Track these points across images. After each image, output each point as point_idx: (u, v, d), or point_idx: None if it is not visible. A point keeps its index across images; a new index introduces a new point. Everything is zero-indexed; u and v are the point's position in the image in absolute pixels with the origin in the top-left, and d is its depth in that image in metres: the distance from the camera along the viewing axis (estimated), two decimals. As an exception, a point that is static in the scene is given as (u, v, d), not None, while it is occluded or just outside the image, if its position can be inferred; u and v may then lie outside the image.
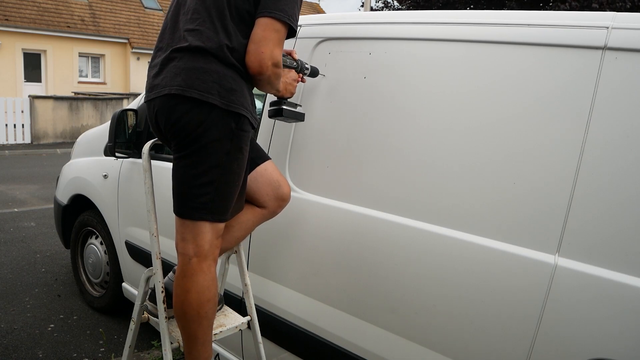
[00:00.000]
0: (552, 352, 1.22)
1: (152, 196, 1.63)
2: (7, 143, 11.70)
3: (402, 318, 1.52)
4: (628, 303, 1.12)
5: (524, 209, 1.30)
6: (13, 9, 15.55)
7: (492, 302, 1.33)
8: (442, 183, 1.46)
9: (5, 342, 2.78)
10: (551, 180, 1.27)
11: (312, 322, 1.75)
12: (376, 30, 1.71)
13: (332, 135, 1.76)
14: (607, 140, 1.20)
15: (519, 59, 1.37)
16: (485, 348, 1.34)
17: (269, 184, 1.69)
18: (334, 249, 1.69)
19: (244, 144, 1.48)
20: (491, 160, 1.37)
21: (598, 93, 1.22)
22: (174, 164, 1.49)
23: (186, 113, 1.40)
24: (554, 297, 1.22)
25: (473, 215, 1.39)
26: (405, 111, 1.57)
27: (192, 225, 1.46)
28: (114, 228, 2.83)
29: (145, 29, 18.19)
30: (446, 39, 1.52)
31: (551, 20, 1.34)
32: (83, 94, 14.83)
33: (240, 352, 2.07)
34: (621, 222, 1.16)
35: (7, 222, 5.10)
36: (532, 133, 1.31)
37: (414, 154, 1.53)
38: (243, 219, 1.67)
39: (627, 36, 1.21)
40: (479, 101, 1.42)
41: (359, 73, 1.70)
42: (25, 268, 3.89)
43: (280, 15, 1.41)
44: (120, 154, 2.54)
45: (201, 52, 1.41)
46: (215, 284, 1.52)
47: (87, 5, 17.51)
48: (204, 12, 1.44)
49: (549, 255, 1.25)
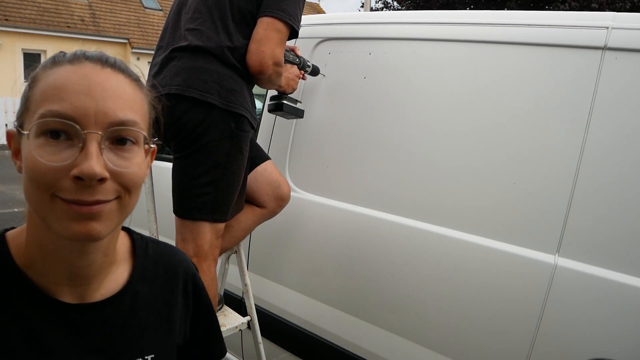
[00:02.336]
0: (552, 352, 1.22)
1: (152, 196, 1.63)
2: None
3: (402, 318, 1.52)
4: (628, 303, 1.12)
5: (524, 209, 1.30)
6: (13, 9, 15.55)
7: (492, 302, 1.32)
8: (442, 183, 1.46)
9: (5, 342, 2.78)
10: (551, 180, 1.27)
11: (312, 322, 1.75)
12: (376, 31, 1.71)
13: (332, 135, 1.76)
14: (607, 140, 1.20)
15: (519, 59, 1.37)
16: (485, 348, 1.34)
17: (269, 183, 1.68)
18: (334, 249, 1.69)
19: (243, 144, 1.48)
20: (491, 160, 1.37)
21: (598, 93, 1.22)
22: (173, 164, 1.49)
23: (186, 113, 1.40)
24: (554, 297, 1.22)
25: (473, 215, 1.39)
26: (405, 111, 1.57)
27: (192, 225, 1.46)
28: (114, 228, 2.83)
29: (145, 29, 18.19)
30: (446, 39, 1.52)
31: (551, 20, 1.34)
32: (83, 94, 14.82)
33: (240, 352, 2.07)
34: (621, 222, 1.16)
35: (7, 222, 5.08)
36: (532, 133, 1.31)
37: (414, 154, 1.53)
38: (243, 219, 1.67)
39: (627, 36, 1.21)
40: (479, 101, 1.42)
41: (359, 73, 1.70)
42: (25, 268, 3.89)
43: (281, 15, 1.41)
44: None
45: (201, 51, 1.41)
46: (215, 284, 1.52)
47: (87, 5, 17.51)
48: (205, 12, 1.43)
49: (549, 255, 1.25)
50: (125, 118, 0.60)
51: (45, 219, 0.59)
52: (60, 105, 0.58)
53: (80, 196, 0.57)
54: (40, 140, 0.58)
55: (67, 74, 0.60)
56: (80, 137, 0.58)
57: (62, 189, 0.57)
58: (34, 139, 0.58)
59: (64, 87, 0.59)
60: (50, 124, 0.58)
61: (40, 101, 0.59)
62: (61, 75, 0.60)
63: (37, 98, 0.60)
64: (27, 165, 0.59)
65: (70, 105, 0.58)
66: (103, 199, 0.59)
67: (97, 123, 0.58)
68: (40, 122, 0.58)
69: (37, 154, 0.57)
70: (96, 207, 0.59)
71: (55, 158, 0.57)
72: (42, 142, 0.58)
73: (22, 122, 0.62)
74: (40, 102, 0.59)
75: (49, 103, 0.58)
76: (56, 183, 0.57)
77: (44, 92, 0.59)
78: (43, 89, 0.60)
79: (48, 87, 0.59)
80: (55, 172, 0.57)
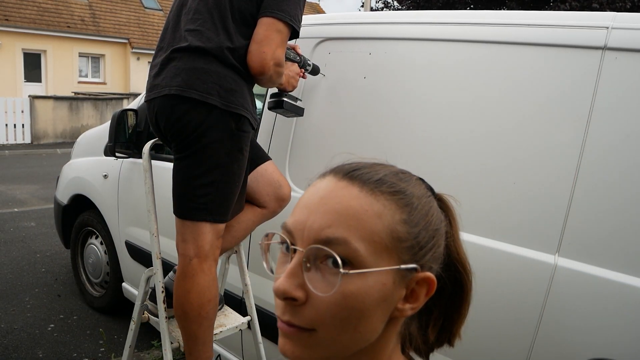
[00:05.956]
0: (552, 351, 1.22)
1: (152, 196, 1.63)
2: (7, 143, 11.70)
3: (402, 318, 1.52)
4: (628, 303, 1.12)
5: (524, 209, 1.30)
6: (13, 9, 15.54)
7: (492, 302, 1.32)
8: (442, 183, 1.46)
9: (5, 342, 2.78)
10: (551, 180, 1.27)
11: (312, 322, 1.75)
12: (376, 31, 1.71)
13: (332, 135, 1.76)
14: (607, 140, 1.20)
15: (519, 59, 1.37)
16: (485, 348, 1.34)
17: (270, 184, 1.68)
18: (334, 249, 1.69)
19: (244, 144, 1.48)
20: (491, 159, 1.38)
21: (598, 93, 1.22)
22: (174, 165, 1.49)
23: (186, 113, 1.40)
24: (554, 297, 1.22)
25: (473, 215, 1.39)
26: (405, 111, 1.57)
27: (193, 225, 1.46)
28: (114, 228, 2.83)
29: (145, 29, 18.19)
30: (446, 39, 1.52)
31: (551, 20, 1.34)
32: (83, 94, 14.82)
33: (240, 352, 2.07)
34: (621, 222, 1.16)
35: (7, 222, 5.10)
36: (532, 133, 1.31)
37: (414, 153, 1.53)
38: (243, 219, 1.67)
39: (627, 36, 1.21)
40: (479, 101, 1.42)
41: (359, 73, 1.70)
42: (25, 268, 3.89)
43: (282, 15, 1.41)
44: (120, 154, 2.53)
45: (201, 52, 1.41)
46: (215, 284, 1.52)
47: (87, 5, 17.50)
48: (206, 13, 1.43)
49: (549, 255, 1.25)
50: (332, 236, 0.52)
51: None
52: (290, 218, 0.57)
53: (279, 311, 0.56)
54: (280, 251, 0.59)
55: (311, 188, 0.59)
56: (290, 251, 0.56)
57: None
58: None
59: (300, 200, 0.58)
60: (281, 235, 0.58)
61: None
62: (308, 190, 0.59)
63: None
64: None
65: (292, 218, 0.57)
66: (295, 323, 0.54)
67: (304, 238, 0.54)
68: (277, 233, 0.59)
69: (277, 264, 0.58)
70: (287, 329, 0.54)
71: (279, 270, 0.57)
72: (280, 253, 0.59)
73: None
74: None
75: (290, 215, 0.58)
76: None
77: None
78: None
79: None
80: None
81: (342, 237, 0.52)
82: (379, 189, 0.56)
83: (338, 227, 0.53)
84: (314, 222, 0.54)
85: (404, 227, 0.55)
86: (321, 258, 0.53)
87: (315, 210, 0.54)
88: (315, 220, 0.54)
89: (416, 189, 0.59)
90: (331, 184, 0.56)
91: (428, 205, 0.59)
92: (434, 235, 0.58)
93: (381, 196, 0.55)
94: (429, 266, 0.57)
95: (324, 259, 0.53)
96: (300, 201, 0.57)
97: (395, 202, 0.56)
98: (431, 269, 0.57)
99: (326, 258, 0.53)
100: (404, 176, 0.61)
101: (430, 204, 0.60)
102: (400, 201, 0.56)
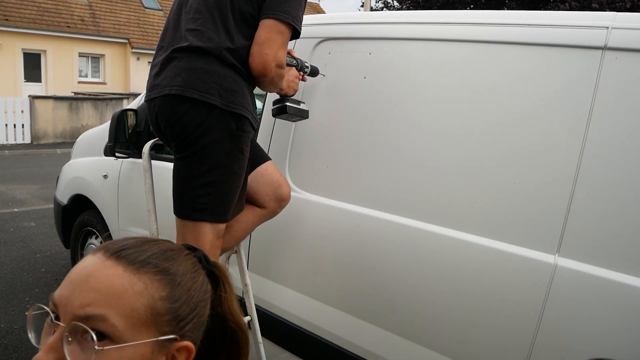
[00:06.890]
0: (552, 352, 1.22)
1: (152, 196, 1.63)
2: (7, 143, 11.69)
3: (402, 318, 1.52)
4: (628, 303, 1.12)
5: (524, 209, 1.30)
6: (13, 9, 15.54)
7: (492, 302, 1.33)
8: (442, 183, 1.46)
9: (5, 342, 2.78)
10: (551, 180, 1.27)
11: (312, 322, 1.75)
12: (376, 30, 1.71)
13: (332, 135, 1.76)
14: (607, 140, 1.20)
15: (519, 59, 1.37)
16: (485, 348, 1.34)
17: (270, 184, 1.68)
18: (334, 248, 1.69)
19: (244, 144, 1.48)
20: (491, 159, 1.38)
21: (598, 93, 1.22)
22: (174, 165, 1.49)
23: (186, 113, 1.40)
24: (554, 297, 1.22)
25: (473, 215, 1.39)
26: (405, 111, 1.57)
27: (193, 226, 1.46)
28: (114, 228, 2.83)
29: (145, 29, 18.19)
30: (446, 39, 1.52)
31: (551, 20, 1.34)
32: (83, 94, 14.81)
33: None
34: (621, 222, 1.16)
35: (7, 222, 5.09)
36: (532, 133, 1.31)
37: (414, 153, 1.53)
38: (243, 219, 1.67)
39: (627, 36, 1.21)
40: (479, 101, 1.42)
41: (359, 73, 1.70)
42: (25, 268, 3.89)
43: (284, 16, 1.41)
44: (120, 154, 2.53)
45: (201, 52, 1.41)
46: (215, 284, 1.51)
47: (87, 5, 17.50)
48: (206, 13, 1.43)
49: (549, 255, 1.25)
50: (90, 313, 0.57)
51: None
52: (57, 291, 0.61)
53: None
54: (47, 322, 0.61)
55: (82, 263, 0.62)
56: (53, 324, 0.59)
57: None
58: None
59: (70, 273, 0.62)
60: (46, 308, 0.61)
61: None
62: (78, 265, 0.63)
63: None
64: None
65: (59, 292, 0.60)
66: None
67: (67, 313, 0.58)
68: (43, 306, 0.61)
69: (42, 334, 0.61)
70: None
71: (44, 340, 0.60)
72: (46, 324, 0.61)
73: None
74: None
75: (59, 287, 0.61)
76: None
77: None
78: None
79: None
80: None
81: (100, 314, 0.57)
82: (143, 268, 0.61)
83: (98, 305, 0.58)
84: (76, 299, 0.58)
85: (164, 303, 0.61)
86: (81, 332, 0.57)
87: (79, 287, 0.59)
88: (77, 297, 0.58)
89: (182, 266, 0.66)
90: (99, 262, 0.61)
91: (192, 281, 0.66)
92: (195, 307, 0.65)
93: (144, 275, 0.61)
94: (189, 335, 0.64)
95: (83, 333, 0.57)
96: (70, 275, 0.61)
97: (158, 281, 0.62)
98: (192, 338, 0.64)
99: (85, 332, 0.57)
100: (171, 254, 0.66)
101: (195, 279, 0.67)
102: (162, 280, 0.62)
